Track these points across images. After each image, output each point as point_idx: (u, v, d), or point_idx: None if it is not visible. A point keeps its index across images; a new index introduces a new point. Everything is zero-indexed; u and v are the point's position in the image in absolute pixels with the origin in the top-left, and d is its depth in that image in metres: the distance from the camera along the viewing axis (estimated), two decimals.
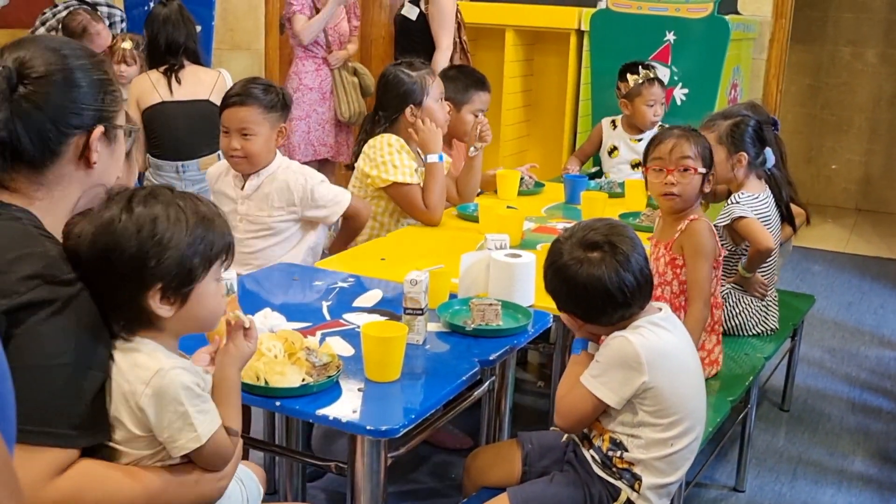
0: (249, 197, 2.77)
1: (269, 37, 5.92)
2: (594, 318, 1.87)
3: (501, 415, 2.24)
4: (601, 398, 1.82)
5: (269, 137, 2.72)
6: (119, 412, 1.37)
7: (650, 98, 3.93)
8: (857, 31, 6.88)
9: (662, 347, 1.83)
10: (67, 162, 1.43)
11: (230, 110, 2.70)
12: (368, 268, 2.54)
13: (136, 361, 1.38)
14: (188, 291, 1.39)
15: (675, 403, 1.83)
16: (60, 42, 1.46)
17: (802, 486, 2.95)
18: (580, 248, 1.84)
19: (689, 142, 2.43)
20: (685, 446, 1.87)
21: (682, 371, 1.87)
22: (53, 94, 1.39)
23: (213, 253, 1.42)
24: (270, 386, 1.70)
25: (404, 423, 1.66)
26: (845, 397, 3.64)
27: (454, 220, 3.15)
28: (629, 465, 1.86)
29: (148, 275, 1.36)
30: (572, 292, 1.85)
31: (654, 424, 1.83)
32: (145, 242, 1.35)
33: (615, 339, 1.83)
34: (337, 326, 2.09)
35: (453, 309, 2.16)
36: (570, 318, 1.91)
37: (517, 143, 5.59)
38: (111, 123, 1.47)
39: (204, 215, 1.42)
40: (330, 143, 4.80)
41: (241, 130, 2.68)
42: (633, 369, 1.79)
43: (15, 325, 1.26)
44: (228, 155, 2.74)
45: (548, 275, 1.91)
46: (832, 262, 5.53)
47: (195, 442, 1.38)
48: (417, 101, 3.11)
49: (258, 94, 2.69)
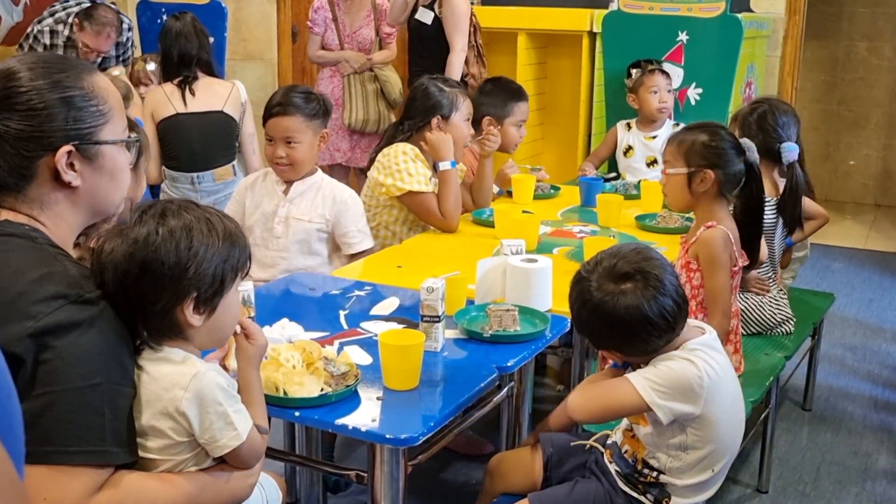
0: (293, 200, 2.84)
1: (282, 46, 5.95)
2: (639, 350, 1.79)
3: (521, 420, 2.24)
4: (648, 402, 1.74)
5: (313, 144, 2.81)
6: (156, 421, 1.39)
7: (652, 85, 4.03)
8: (872, 26, 6.84)
9: (720, 376, 1.78)
10: (43, 183, 1.41)
11: (274, 120, 2.78)
12: (385, 276, 2.55)
13: (170, 368, 1.41)
14: (218, 301, 1.44)
15: (721, 432, 1.81)
16: (21, 64, 1.41)
17: (826, 485, 2.93)
18: (610, 282, 1.76)
19: (673, 141, 2.44)
20: (720, 470, 1.86)
21: (731, 399, 1.85)
22: (11, 121, 1.38)
23: (238, 265, 1.47)
24: (289, 396, 1.71)
25: (423, 431, 1.66)
26: (867, 395, 3.61)
27: (470, 226, 3.15)
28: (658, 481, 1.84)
29: (185, 285, 1.40)
30: (612, 328, 1.77)
31: (698, 448, 1.80)
32: (183, 253, 1.39)
33: (675, 360, 1.76)
34: (354, 335, 2.10)
35: (470, 315, 2.16)
36: (611, 354, 1.86)
37: (532, 146, 5.58)
38: (87, 140, 1.42)
39: (230, 229, 1.47)
40: (344, 148, 4.83)
41: (285, 139, 2.77)
42: (689, 395, 1.74)
43: (45, 348, 1.27)
44: (273, 163, 2.81)
45: (582, 315, 1.82)
46: (852, 258, 5.49)
47: (236, 440, 1.42)
48: (445, 115, 3.12)
49: (300, 102, 2.78)
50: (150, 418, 1.39)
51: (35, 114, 1.38)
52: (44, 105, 1.38)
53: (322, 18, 4.84)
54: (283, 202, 2.84)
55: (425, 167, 3.07)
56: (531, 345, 2.06)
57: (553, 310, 2.23)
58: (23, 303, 1.28)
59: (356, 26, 4.84)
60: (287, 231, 2.83)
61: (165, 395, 1.39)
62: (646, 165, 4.06)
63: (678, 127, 4.01)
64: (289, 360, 1.77)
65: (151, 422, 1.39)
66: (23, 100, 1.38)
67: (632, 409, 1.79)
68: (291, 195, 2.84)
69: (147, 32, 5.18)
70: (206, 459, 1.45)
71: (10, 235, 1.37)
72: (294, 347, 1.83)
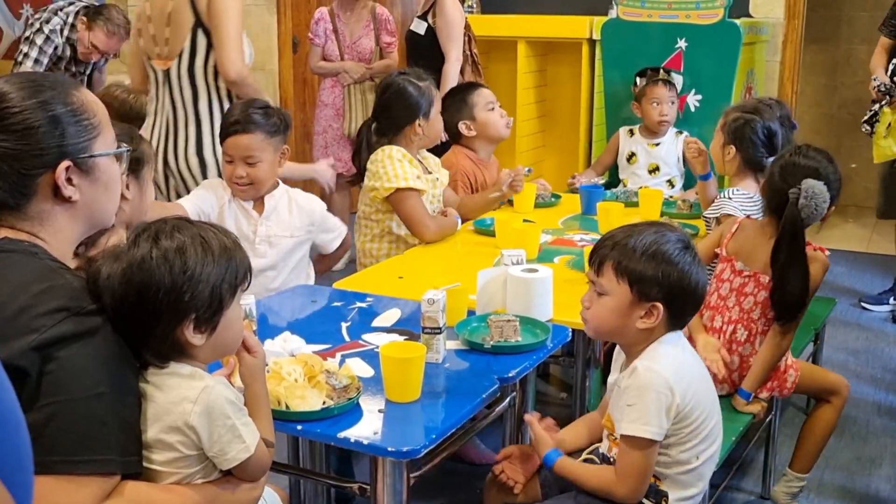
0: (269, 217, 2.76)
1: (283, 57, 5.96)
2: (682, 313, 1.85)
3: (523, 431, 2.24)
4: (654, 438, 1.77)
5: (273, 161, 2.72)
6: (165, 435, 1.40)
7: (653, 97, 4.05)
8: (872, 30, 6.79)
9: (680, 365, 1.82)
10: (42, 200, 1.44)
11: (233, 138, 2.67)
12: (386, 287, 2.56)
13: (178, 382, 1.42)
14: (219, 319, 1.44)
15: (700, 416, 1.82)
16: (9, 85, 1.43)
17: (829, 491, 2.93)
18: (685, 249, 1.82)
19: None
20: (709, 457, 1.87)
21: (701, 384, 1.87)
22: (7, 141, 1.40)
23: (237, 280, 1.47)
24: (291, 410, 1.72)
25: (426, 444, 1.67)
26: (871, 400, 3.61)
27: (470, 236, 3.16)
28: (655, 480, 1.85)
29: (182, 308, 1.40)
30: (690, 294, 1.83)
31: (682, 443, 1.82)
32: (178, 277, 1.39)
33: (635, 374, 1.80)
34: (356, 347, 2.11)
35: (471, 326, 2.16)
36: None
37: (533, 154, 5.59)
38: (83, 153, 1.45)
39: (226, 244, 1.47)
40: (345, 158, 4.85)
41: (245, 158, 2.67)
42: (663, 396, 1.76)
43: (48, 360, 1.28)
44: (233, 182, 2.71)
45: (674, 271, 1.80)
46: (854, 262, 5.49)
47: (245, 452, 1.43)
48: (426, 114, 3.13)
49: (259, 119, 2.67)
50: (158, 432, 1.40)
51: (31, 132, 1.40)
52: (38, 123, 1.41)
53: (322, 30, 4.87)
54: (261, 221, 2.75)
55: (413, 167, 3.06)
56: (532, 355, 2.06)
57: (554, 319, 2.23)
58: (26, 317, 1.30)
59: (356, 36, 4.86)
60: (270, 250, 2.75)
61: (175, 408, 1.40)
62: (648, 172, 4.07)
63: (681, 135, 4.04)
64: (291, 374, 1.77)
65: (160, 435, 1.40)
66: (17, 120, 1.40)
67: (654, 452, 1.80)
68: (267, 212, 2.75)
69: None
70: (213, 472, 1.46)
71: (10, 252, 1.39)
72: (296, 361, 1.83)
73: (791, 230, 2.36)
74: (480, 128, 3.55)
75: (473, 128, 3.53)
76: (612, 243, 1.84)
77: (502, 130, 3.61)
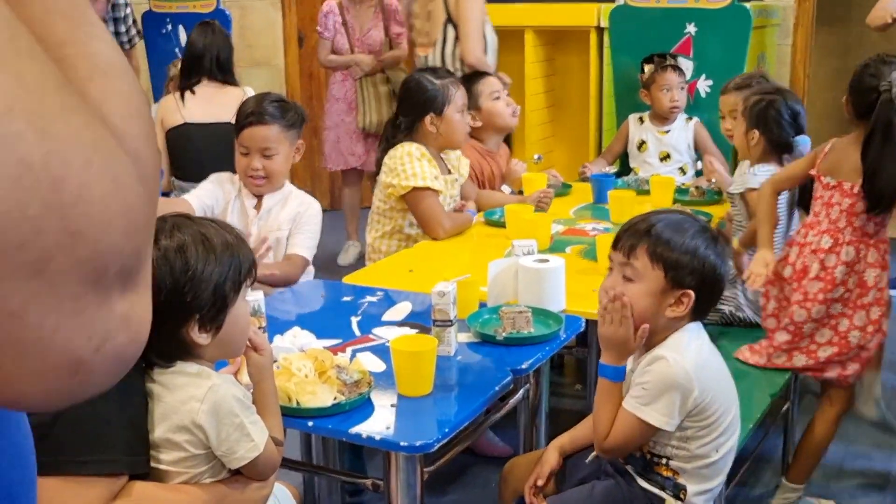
0: (262, 217, 2.72)
1: (289, 52, 5.94)
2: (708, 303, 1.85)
3: (537, 422, 2.22)
4: (656, 424, 1.74)
5: (289, 155, 2.70)
6: (172, 434, 1.39)
7: (664, 83, 3.99)
8: None
9: (702, 358, 1.78)
10: None
11: (250, 130, 2.65)
12: (396, 281, 2.53)
13: (185, 381, 1.40)
14: (223, 317, 1.42)
15: (719, 410, 1.79)
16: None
17: (849, 481, 2.89)
18: (715, 240, 1.81)
19: None
20: (728, 450, 1.84)
21: (721, 377, 1.84)
22: None
23: (241, 276, 1.45)
24: (302, 406, 1.70)
25: (438, 438, 1.65)
26: (890, 385, 3.56)
27: (481, 227, 3.13)
28: (674, 473, 1.82)
29: (185, 309, 1.38)
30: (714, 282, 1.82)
31: (701, 437, 1.79)
32: (179, 278, 1.37)
33: (659, 362, 1.76)
34: (367, 342, 2.08)
35: (483, 318, 2.14)
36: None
37: (543, 143, 5.55)
38: None
39: (228, 240, 1.44)
40: (359, 152, 4.83)
41: (263, 150, 2.65)
42: (682, 388, 1.73)
43: None
44: (248, 175, 2.68)
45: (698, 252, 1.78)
46: None
47: (254, 451, 1.41)
48: (438, 110, 3.09)
49: (276, 111, 2.66)
50: (166, 431, 1.38)
51: None
52: None
53: (332, 23, 4.83)
54: (255, 219, 2.72)
55: (431, 166, 3.03)
56: (545, 346, 2.04)
57: (567, 310, 2.21)
58: None
59: (366, 29, 4.83)
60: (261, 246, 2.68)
61: (182, 407, 1.38)
62: (659, 160, 4.03)
63: (691, 121, 4.00)
64: (301, 370, 1.75)
65: (168, 435, 1.38)
66: None
67: (648, 433, 1.78)
68: (262, 212, 2.71)
69: (153, 42, 5.18)
70: (222, 471, 1.44)
71: None
72: (306, 356, 1.81)
73: (885, 122, 2.44)
74: (486, 118, 3.50)
75: (479, 118, 3.48)
76: (646, 227, 1.80)
77: (508, 120, 3.56)
